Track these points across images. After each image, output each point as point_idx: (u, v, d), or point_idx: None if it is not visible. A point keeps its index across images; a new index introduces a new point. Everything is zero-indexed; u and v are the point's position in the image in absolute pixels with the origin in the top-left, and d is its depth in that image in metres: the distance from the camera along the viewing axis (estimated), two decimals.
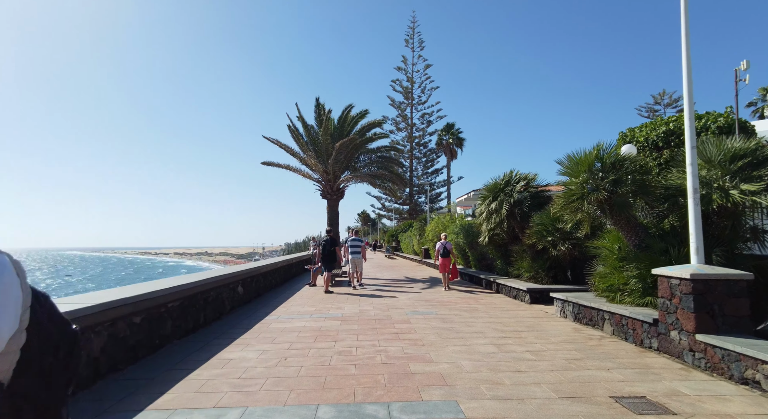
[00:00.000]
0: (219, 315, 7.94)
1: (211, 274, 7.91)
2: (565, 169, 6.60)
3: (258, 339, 6.19)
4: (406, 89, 49.87)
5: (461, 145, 45.32)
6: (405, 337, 6.11)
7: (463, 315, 7.93)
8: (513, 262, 11.25)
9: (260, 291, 11.07)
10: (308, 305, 9.34)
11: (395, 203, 50.97)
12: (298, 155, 16.90)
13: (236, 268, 9.88)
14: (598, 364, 4.69)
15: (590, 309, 6.67)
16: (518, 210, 10.22)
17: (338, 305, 9.26)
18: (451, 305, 9.03)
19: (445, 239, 12.73)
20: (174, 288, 6.02)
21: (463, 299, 9.95)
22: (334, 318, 7.66)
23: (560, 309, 7.74)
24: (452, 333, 6.32)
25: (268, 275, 12.15)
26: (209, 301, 7.50)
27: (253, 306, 9.25)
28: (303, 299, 10.35)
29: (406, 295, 10.83)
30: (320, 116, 16.41)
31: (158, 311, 5.65)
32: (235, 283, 9.02)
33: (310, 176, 17.08)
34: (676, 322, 4.71)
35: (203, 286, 7.18)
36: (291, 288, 12.68)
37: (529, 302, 9.19)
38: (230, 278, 8.54)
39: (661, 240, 6.03)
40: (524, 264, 10.66)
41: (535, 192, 10.59)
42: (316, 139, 16.55)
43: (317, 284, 13.37)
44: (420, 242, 26.95)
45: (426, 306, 8.94)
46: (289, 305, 9.28)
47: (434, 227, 21.70)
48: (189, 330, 6.58)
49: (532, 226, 9.64)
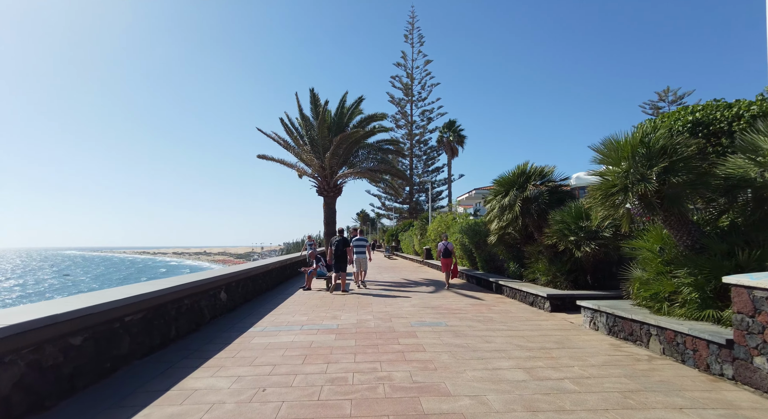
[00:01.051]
0: (196, 326, 6.89)
1: (185, 279, 6.85)
2: (602, 156, 5.56)
3: (235, 359, 5.14)
4: (406, 86, 48.84)
5: (462, 143, 44.24)
6: (412, 358, 5.06)
7: (477, 326, 6.88)
8: (527, 264, 10.21)
9: (248, 296, 10.02)
10: (300, 313, 8.29)
11: (395, 201, 50.00)
12: (293, 149, 15.85)
13: (220, 272, 8.82)
14: (665, 400, 3.65)
15: (630, 322, 5.63)
16: (535, 207, 9.18)
17: (334, 313, 8.21)
18: (462, 314, 7.99)
19: (446, 240, 12.91)
20: (134, 298, 4.97)
21: (473, 307, 8.91)
22: (328, 331, 6.61)
23: (589, 320, 6.70)
24: (469, 352, 5.28)
25: (258, 278, 11.10)
26: (183, 311, 6.45)
27: (237, 314, 8.20)
28: (295, 305, 9.29)
29: (409, 301, 9.79)
30: (316, 108, 15.35)
31: (110, 328, 4.60)
32: (216, 289, 7.97)
33: (305, 172, 16.04)
34: (763, 346, 3.67)
35: (176, 293, 6.13)
36: (283, 292, 11.63)
37: (550, 311, 8.15)
38: (210, 283, 7.48)
39: (721, 241, 5.00)
40: (540, 267, 9.63)
41: (553, 187, 9.53)
42: (312, 132, 15.50)
43: (312, 287, 12.32)
44: (421, 242, 25.91)
45: (433, 315, 7.90)
46: (278, 314, 8.23)
47: (437, 227, 20.68)
48: (155, 347, 5.53)
49: (552, 224, 8.60)
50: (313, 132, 15.29)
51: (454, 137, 43.44)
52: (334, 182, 15.76)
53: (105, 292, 5.15)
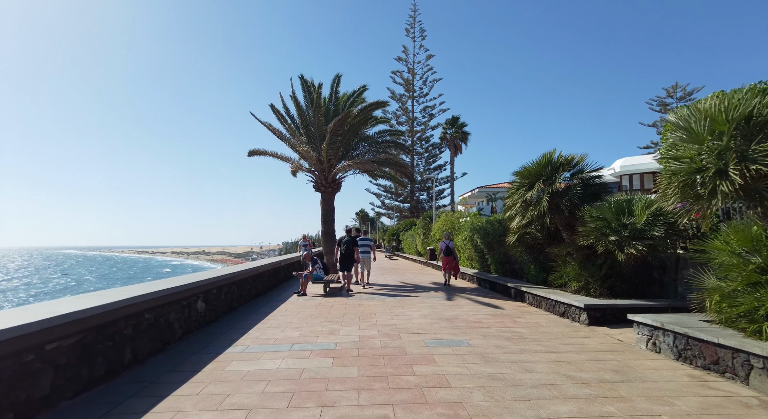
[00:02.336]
0: (162, 345, 5.60)
1: (147, 288, 5.55)
2: (681, 133, 4.27)
3: (199, 397, 3.85)
4: (407, 81, 47.53)
5: (466, 140, 42.89)
6: (435, 398, 3.78)
7: (507, 347, 5.60)
8: (553, 268, 8.94)
9: (233, 304, 8.73)
10: (292, 326, 7.01)
11: (396, 200, 48.74)
12: (288, 140, 14.55)
13: (198, 276, 7.51)
14: None
15: (715, 347, 4.35)
16: (566, 202, 7.89)
17: (331, 326, 6.93)
18: (484, 329, 6.71)
19: (448, 239, 12.99)
20: (60, 318, 3.68)
21: (495, 318, 7.63)
22: (323, 353, 5.32)
23: (647, 339, 5.42)
24: (508, 388, 4.00)
25: (246, 283, 9.81)
26: (143, 328, 5.16)
27: (218, 328, 6.92)
28: (287, 315, 8.01)
29: (418, 309, 8.51)
30: (310, 96, 14.02)
31: (18, 363, 3.32)
32: (192, 297, 6.68)
33: (302, 167, 14.73)
34: None
35: (133, 306, 4.85)
36: (275, 299, 10.34)
37: (587, 324, 6.87)
38: (183, 291, 6.19)
39: None
40: (570, 271, 8.36)
41: (587, 179, 8.23)
42: (307, 121, 14.19)
43: (307, 293, 11.03)
44: (425, 241, 24.64)
45: (450, 330, 6.61)
46: (265, 327, 6.95)
47: (442, 226, 19.40)
48: (98, 379, 4.24)
49: (588, 222, 7.32)
50: (309, 120, 13.99)
51: (458, 133, 42.11)
52: (332, 176, 14.46)
53: (16, 311, 3.85)
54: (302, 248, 15.42)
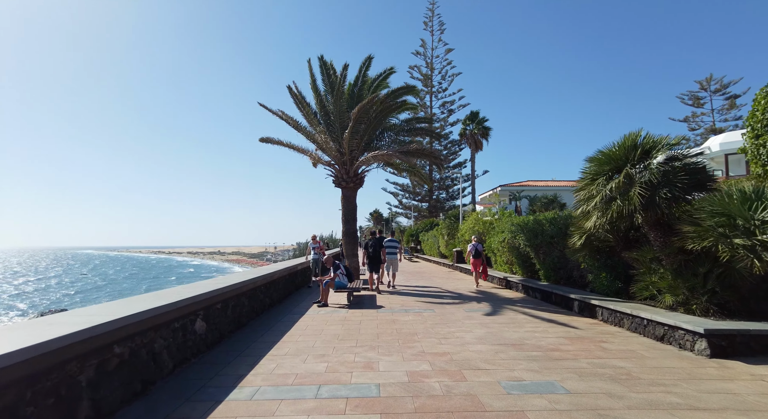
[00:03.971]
0: (143, 387, 4.08)
1: (126, 309, 4.03)
2: None
3: None
4: (426, 76, 45.85)
5: (487, 135, 40.97)
6: None
7: (622, 394, 3.93)
8: (635, 277, 7.21)
9: (242, 319, 7.22)
10: (315, 352, 5.45)
11: (414, 199, 47.09)
12: (304, 130, 13.04)
13: (193, 290, 5.98)
14: None
15: None
16: (665, 194, 6.12)
17: (366, 354, 5.35)
18: (569, 360, 5.04)
19: (476, 241, 13.15)
20: None
21: (573, 343, 5.94)
22: (364, 404, 3.73)
23: None
24: None
25: (258, 292, 8.31)
26: (112, 368, 3.66)
27: (221, 354, 5.40)
28: (307, 335, 6.46)
29: (468, 328, 6.88)
30: (329, 79, 12.46)
31: None
32: (188, 317, 5.18)
33: (320, 160, 13.21)
34: None
35: (92, 340, 3.36)
36: (292, 310, 8.83)
37: (708, 355, 5.13)
38: (174, 310, 4.68)
39: None
40: (659, 281, 6.62)
41: (689, 165, 6.44)
42: (327, 109, 12.66)
43: (329, 303, 9.49)
44: (449, 243, 22.93)
45: (526, 363, 4.96)
46: (282, 354, 5.40)
47: (472, 226, 17.69)
48: None
49: (703, 218, 5.58)
50: (328, 108, 12.45)
51: (478, 129, 40.25)
52: (354, 170, 12.90)
53: None
54: (312, 251, 12.91)
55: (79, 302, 35.49)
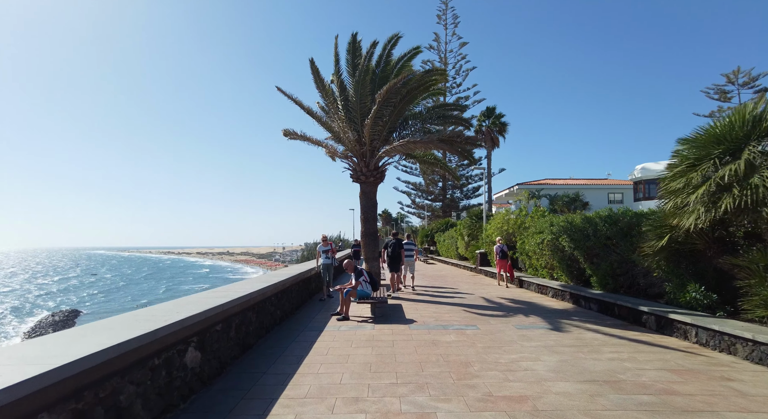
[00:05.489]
0: None
1: (83, 349, 2.68)
2: None
3: None
4: None
5: (504, 132, 39.26)
6: None
7: None
8: (744, 289, 5.68)
9: (248, 341, 5.85)
10: (344, 392, 4.04)
11: (427, 198, 45.59)
12: (320, 118, 11.67)
13: (187, 310, 4.59)
14: None
15: None
16: None
17: (415, 397, 3.92)
18: (704, 412, 3.57)
19: (500, 242, 13.37)
20: None
21: (687, 379, 4.45)
22: None
23: None
24: None
25: (268, 303, 6.94)
26: None
27: (219, 395, 4.03)
28: (330, 365, 5.05)
29: (534, 355, 5.42)
30: (354, 61, 11.03)
31: None
32: (175, 347, 3.81)
33: (336, 151, 11.83)
34: None
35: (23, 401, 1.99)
36: (307, 325, 7.44)
37: None
38: (156, 340, 3.32)
39: None
40: None
41: None
42: (346, 94, 11.25)
43: (350, 316, 8.09)
44: (471, 244, 21.40)
45: (647, 416, 3.50)
46: (299, 399, 4.00)
47: (500, 225, 16.19)
48: None
49: None
50: (348, 92, 11.05)
51: (495, 125, 38.58)
52: (375, 163, 11.50)
53: None
54: (321, 254, 10.59)
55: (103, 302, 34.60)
